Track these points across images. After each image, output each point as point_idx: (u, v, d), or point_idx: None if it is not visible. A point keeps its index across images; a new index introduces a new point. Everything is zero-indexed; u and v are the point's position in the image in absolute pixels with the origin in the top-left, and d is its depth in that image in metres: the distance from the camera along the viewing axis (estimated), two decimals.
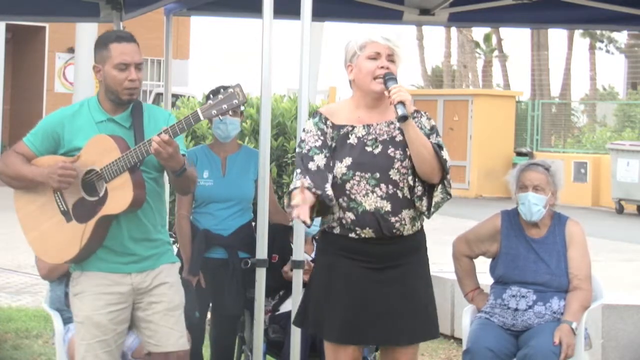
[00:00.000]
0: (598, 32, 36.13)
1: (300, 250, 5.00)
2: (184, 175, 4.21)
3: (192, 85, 22.87)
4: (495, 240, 5.31)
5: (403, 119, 4.03)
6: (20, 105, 24.27)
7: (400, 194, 4.15)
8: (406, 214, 4.17)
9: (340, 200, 4.14)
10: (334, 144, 4.19)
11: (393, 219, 4.14)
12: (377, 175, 4.13)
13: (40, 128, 4.40)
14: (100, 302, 4.29)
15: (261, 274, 4.97)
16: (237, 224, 5.54)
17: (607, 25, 8.81)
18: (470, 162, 23.40)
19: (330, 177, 4.12)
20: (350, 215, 4.14)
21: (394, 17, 6.99)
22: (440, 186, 4.17)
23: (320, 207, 4.08)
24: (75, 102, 4.57)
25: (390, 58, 4.16)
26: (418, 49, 38.26)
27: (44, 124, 4.42)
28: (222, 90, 4.15)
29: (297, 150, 4.24)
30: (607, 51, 39.09)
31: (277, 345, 5.50)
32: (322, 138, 4.17)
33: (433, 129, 4.23)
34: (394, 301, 4.16)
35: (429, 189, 4.18)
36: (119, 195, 4.17)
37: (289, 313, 5.13)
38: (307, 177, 4.06)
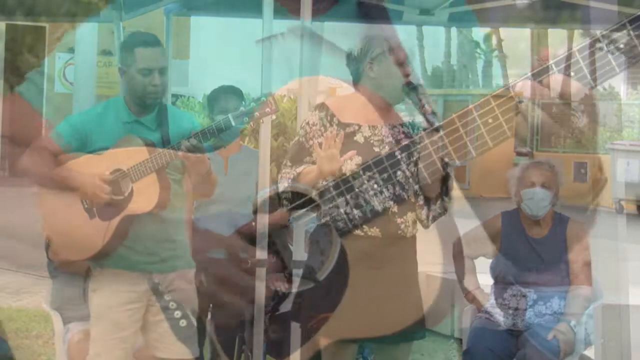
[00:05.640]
0: (598, 32, 36.05)
1: (301, 250, 5.00)
2: (209, 179, 4.25)
3: (192, 85, 22.82)
4: (496, 241, 5.32)
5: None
6: (20, 105, 24.22)
7: (405, 196, 4.19)
8: (410, 216, 4.22)
9: (348, 197, 4.15)
10: None
11: (399, 220, 4.19)
12: (385, 175, 4.15)
13: (67, 125, 4.38)
14: (119, 299, 4.31)
15: (261, 274, 4.96)
16: (238, 224, 5.53)
17: (607, 25, 8.78)
18: (470, 162, 23.39)
19: None
20: (357, 213, 4.16)
21: (394, 17, 6.99)
22: (439, 202, 4.23)
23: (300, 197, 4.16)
24: (75, 102, 4.59)
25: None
26: (418, 49, 38.21)
27: (71, 121, 4.41)
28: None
29: (300, 140, 4.25)
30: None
31: (277, 345, 5.49)
32: (324, 136, 4.19)
33: None
34: (388, 300, 4.19)
35: (428, 200, 4.24)
36: (145, 196, 4.21)
37: (289, 313, 5.12)
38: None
